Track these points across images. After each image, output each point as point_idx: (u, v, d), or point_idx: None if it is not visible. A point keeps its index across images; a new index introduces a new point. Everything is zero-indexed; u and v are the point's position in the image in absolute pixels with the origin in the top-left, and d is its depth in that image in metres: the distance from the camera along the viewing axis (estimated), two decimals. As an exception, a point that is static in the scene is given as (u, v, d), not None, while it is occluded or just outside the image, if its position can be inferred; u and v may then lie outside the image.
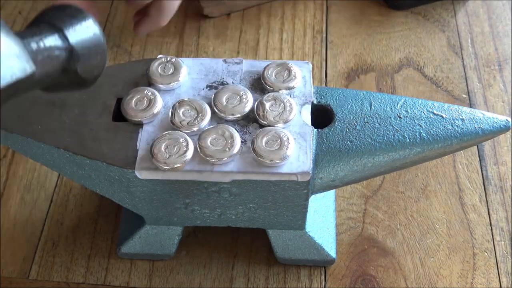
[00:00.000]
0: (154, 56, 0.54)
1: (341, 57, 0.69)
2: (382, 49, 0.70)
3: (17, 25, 0.73)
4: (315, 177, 0.46)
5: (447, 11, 0.73)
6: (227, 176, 0.43)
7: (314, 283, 0.53)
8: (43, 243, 0.56)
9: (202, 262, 0.55)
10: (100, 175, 0.46)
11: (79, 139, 0.45)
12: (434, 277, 0.54)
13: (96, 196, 0.59)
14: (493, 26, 0.71)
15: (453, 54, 0.69)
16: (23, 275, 0.54)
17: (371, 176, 0.49)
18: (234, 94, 0.46)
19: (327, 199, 0.56)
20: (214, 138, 0.44)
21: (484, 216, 0.57)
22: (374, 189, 0.59)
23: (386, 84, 0.66)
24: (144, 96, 0.46)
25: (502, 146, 0.61)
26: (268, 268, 0.54)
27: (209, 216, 0.49)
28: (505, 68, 0.67)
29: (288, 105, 0.45)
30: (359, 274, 0.54)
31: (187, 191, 0.46)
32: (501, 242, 0.55)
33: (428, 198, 0.58)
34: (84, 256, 0.55)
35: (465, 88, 0.66)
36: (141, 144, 0.44)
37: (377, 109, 0.48)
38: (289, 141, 0.43)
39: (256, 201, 0.46)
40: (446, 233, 0.56)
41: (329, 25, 0.72)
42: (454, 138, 0.46)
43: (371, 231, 0.56)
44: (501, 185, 0.59)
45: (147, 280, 0.54)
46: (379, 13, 0.73)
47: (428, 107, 0.48)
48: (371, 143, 0.46)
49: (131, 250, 0.54)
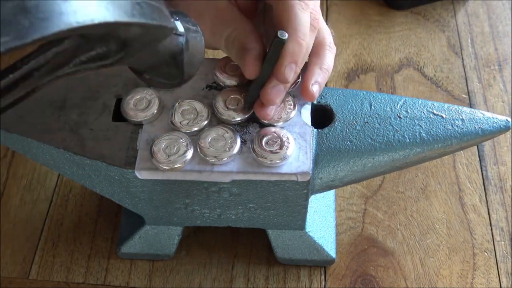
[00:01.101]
0: (154, 56, 0.54)
1: (341, 57, 0.69)
2: (382, 49, 0.70)
3: (17, 25, 0.73)
4: (315, 177, 0.46)
5: (447, 11, 0.73)
6: (227, 176, 0.43)
7: (314, 283, 0.53)
8: (43, 243, 0.56)
9: (202, 262, 0.55)
10: (100, 175, 0.46)
11: (79, 139, 0.45)
12: (434, 277, 0.54)
13: (96, 196, 0.59)
14: (493, 26, 0.71)
15: (453, 54, 0.69)
16: (23, 275, 0.54)
17: (371, 176, 0.49)
18: (235, 97, 0.46)
19: (327, 199, 0.56)
20: (214, 138, 0.44)
21: (484, 216, 0.57)
22: (374, 189, 0.59)
23: (386, 84, 0.66)
24: (144, 96, 0.46)
25: (502, 146, 0.61)
26: (268, 268, 0.54)
27: (209, 216, 0.49)
28: (505, 68, 0.67)
29: (288, 105, 0.45)
30: (359, 274, 0.54)
31: (187, 191, 0.46)
32: (501, 242, 0.55)
33: (428, 198, 0.58)
34: (84, 256, 0.55)
35: (465, 88, 0.66)
36: (141, 144, 0.44)
37: (377, 109, 0.48)
38: (289, 141, 0.43)
39: (256, 201, 0.46)
40: (446, 233, 0.56)
41: (329, 25, 0.72)
42: (454, 138, 0.46)
43: (371, 231, 0.56)
44: (501, 185, 0.59)
45: (147, 280, 0.54)
46: (379, 13, 0.73)
47: (428, 107, 0.48)
48: (371, 143, 0.46)
49: (131, 250, 0.54)
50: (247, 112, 0.45)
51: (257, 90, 0.44)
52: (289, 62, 0.41)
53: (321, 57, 0.45)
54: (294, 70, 0.42)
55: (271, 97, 0.43)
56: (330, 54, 0.46)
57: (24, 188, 0.60)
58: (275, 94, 0.43)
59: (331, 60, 0.46)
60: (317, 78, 0.44)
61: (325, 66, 0.45)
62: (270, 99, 0.43)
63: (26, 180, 0.60)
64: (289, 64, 0.41)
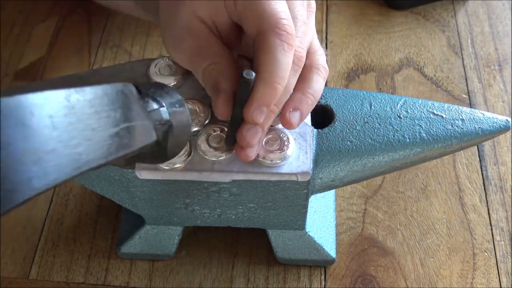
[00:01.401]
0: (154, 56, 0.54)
1: (341, 57, 0.69)
2: (382, 49, 0.70)
3: (17, 25, 0.73)
4: (315, 177, 0.46)
5: (447, 11, 0.73)
6: (227, 176, 0.43)
7: (314, 283, 0.53)
8: (43, 243, 0.56)
9: (202, 262, 0.55)
10: (100, 175, 0.46)
11: (79, 139, 0.45)
12: (434, 277, 0.54)
13: (96, 196, 0.59)
14: (493, 26, 0.71)
15: (453, 54, 0.69)
16: (23, 275, 0.54)
17: (371, 176, 0.49)
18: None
19: (327, 199, 0.56)
20: (214, 138, 0.44)
21: (484, 216, 0.57)
22: (374, 189, 0.59)
23: (386, 84, 0.66)
24: (144, 96, 0.46)
25: (502, 146, 0.61)
26: (268, 268, 0.54)
27: (209, 216, 0.49)
28: (505, 68, 0.67)
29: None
30: (359, 274, 0.54)
31: (187, 191, 0.46)
32: (501, 242, 0.55)
33: (428, 198, 0.58)
34: (84, 256, 0.55)
35: (465, 88, 0.66)
36: (141, 144, 0.44)
37: (377, 109, 0.48)
38: (289, 141, 0.43)
39: (256, 201, 0.46)
40: (446, 233, 0.56)
41: (329, 25, 0.72)
42: (454, 138, 0.46)
43: (371, 231, 0.56)
44: (501, 185, 0.59)
45: (147, 280, 0.54)
46: (379, 13, 0.73)
47: (428, 107, 0.48)
48: (371, 143, 0.46)
49: (131, 250, 0.54)
50: (230, 151, 0.43)
51: (233, 130, 0.41)
52: (259, 105, 0.38)
53: (307, 82, 0.42)
54: (264, 113, 0.39)
55: (247, 140, 0.40)
56: (318, 78, 0.43)
57: (24, 188, 0.60)
58: (251, 137, 0.40)
59: (318, 84, 0.43)
60: (297, 104, 0.41)
61: (310, 91, 0.42)
62: (246, 142, 0.40)
63: (26, 180, 0.60)
64: (258, 107, 0.39)
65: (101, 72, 0.49)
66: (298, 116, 0.42)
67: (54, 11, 0.74)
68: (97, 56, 0.70)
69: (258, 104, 0.39)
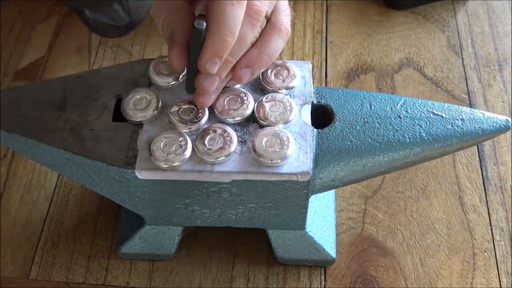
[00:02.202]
0: (154, 56, 0.54)
1: (341, 57, 0.69)
2: (382, 49, 0.70)
3: (17, 25, 0.73)
4: (315, 177, 0.46)
5: (447, 11, 0.73)
6: (227, 176, 0.43)
7: (314, 283, 0.53)
8: (43, 243, 0.56)
9: (202, 262, 0.55)
10: (100, 175, 0.46)
11: (79, 139, 0.45)
12: (434, 277, 0.54)
13: (96, 196, 0.59)
14: (493, 26, 0.71)
15: (453, 54, 0.69)
16: (23, 275, 0.54)
17: (371, 176, 0.49)
18: (235, 97, 0.46)
19: (327, 199, 0.56)
20: (212, 137, 0.44)
21: (484, 216, 0.57)
22: (374, 189, 0.59)
23: (386, 84, 0.66)
24: (143, 96, 0.46)
25: (502, 146, 0.61)
26: (268, 268, 0.54)
27: (209, 216, 0.49)
28: (505, 68, 0.67)
29: (288, 105, 0.45)
30: (359, 274, 0.54)
31: (187, 191, 0.46)
32: (501, 242, 0.55)
33: (428, 198, 0.58)
34: (84, 256, 0.55)
35: (465, 88, 0.66)
36: (141, 144, 0.44)
37: (377, 109, 0.48)
38: (289, 141, 0.43)
39: (256, 201, 0.46)
40: (446, 233, 0.56)
41: (329, 25, 0.72)
42: (454, 138, 0.46)
43: (371, 231, 0.56)
44: (501, 185, 0.59)
45: (147, 280, 0.54)
46: (379, 13, 0.73)
47: (428, 107, 0.48)
48: (371, 143, 0.46)
49: (131, 250, 0.54)
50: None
51: (191, 78, 0.43)
52: (210, 56, 0.40)
53: (264, 41, 0.44)
54: (217, 63, 0.41)
55: (203, 86, 0.43)
56: (277, 39, 0.44)
57: (24, 188, 0.60)
58: (208, 85, 0.42)
59: (276, 44, 0.44)
60: (250, 63, 0.43)
61: (266, 51, 0.43)
62: (203, 88, 0.43)
63: (26, 180, 0.60)
64: (210, 58, 0.40)
65: (101, 72, 0.49)
66: (249, 73, 0.44)
67: (54, 11, 0.74)
68: (97, 56, 0.70)
69: (209, 56, 0.40)
